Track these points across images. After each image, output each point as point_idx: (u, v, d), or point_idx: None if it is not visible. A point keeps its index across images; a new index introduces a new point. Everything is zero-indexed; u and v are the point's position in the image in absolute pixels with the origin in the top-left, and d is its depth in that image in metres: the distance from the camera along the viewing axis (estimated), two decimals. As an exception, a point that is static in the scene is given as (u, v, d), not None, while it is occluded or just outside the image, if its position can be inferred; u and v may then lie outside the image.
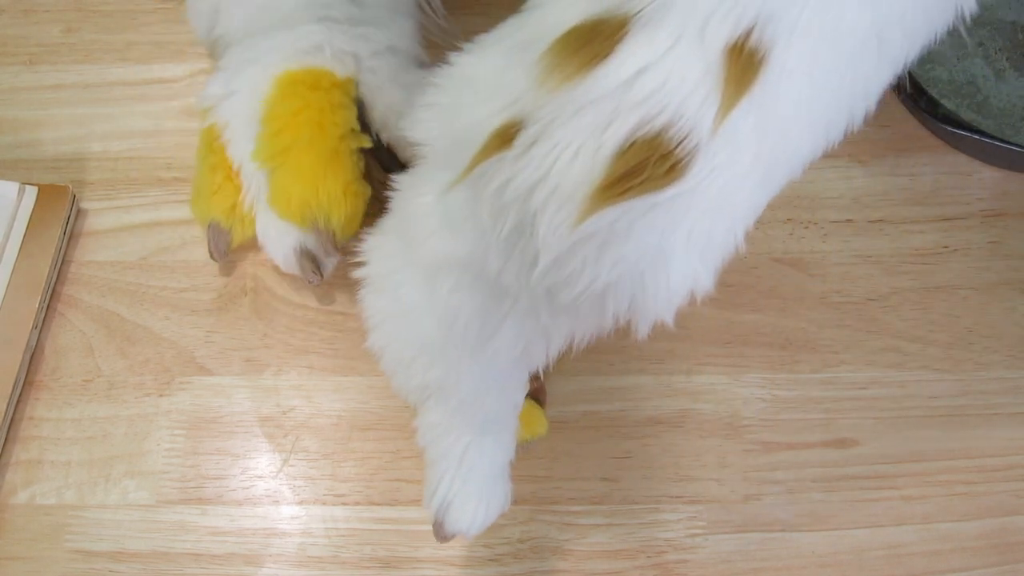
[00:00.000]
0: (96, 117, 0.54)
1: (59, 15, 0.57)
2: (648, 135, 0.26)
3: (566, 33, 0.27)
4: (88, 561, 0.44)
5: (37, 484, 0.45)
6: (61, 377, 0.47)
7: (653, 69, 0.26)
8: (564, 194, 0.27)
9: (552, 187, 0.27)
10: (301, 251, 0.45)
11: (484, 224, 0.29)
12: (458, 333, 0.34)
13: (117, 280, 0.50)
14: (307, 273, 0.46)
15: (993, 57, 0.53)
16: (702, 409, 0.46)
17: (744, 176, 0.27)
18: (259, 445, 0.46)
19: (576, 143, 0.27)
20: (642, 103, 0.26)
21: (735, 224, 0.29)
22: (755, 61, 0.26)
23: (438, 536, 0.39)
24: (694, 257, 0.28)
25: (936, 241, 0.50)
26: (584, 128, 0.26)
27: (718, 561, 0.43)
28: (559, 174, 0.27)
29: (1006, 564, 0.43)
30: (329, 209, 0.44)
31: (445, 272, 0.33)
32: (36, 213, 0.49)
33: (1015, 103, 0.52)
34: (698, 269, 0.28)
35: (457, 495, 0.38)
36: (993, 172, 0.52)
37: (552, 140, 0.27)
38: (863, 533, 0.44)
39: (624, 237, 0.27)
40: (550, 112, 0.27)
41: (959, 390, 0.47)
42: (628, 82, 0.26)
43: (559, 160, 0.27)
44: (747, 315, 0.48)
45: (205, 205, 0.47)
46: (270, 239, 0.46)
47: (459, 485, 0.38)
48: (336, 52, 0.45)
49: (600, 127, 0.26)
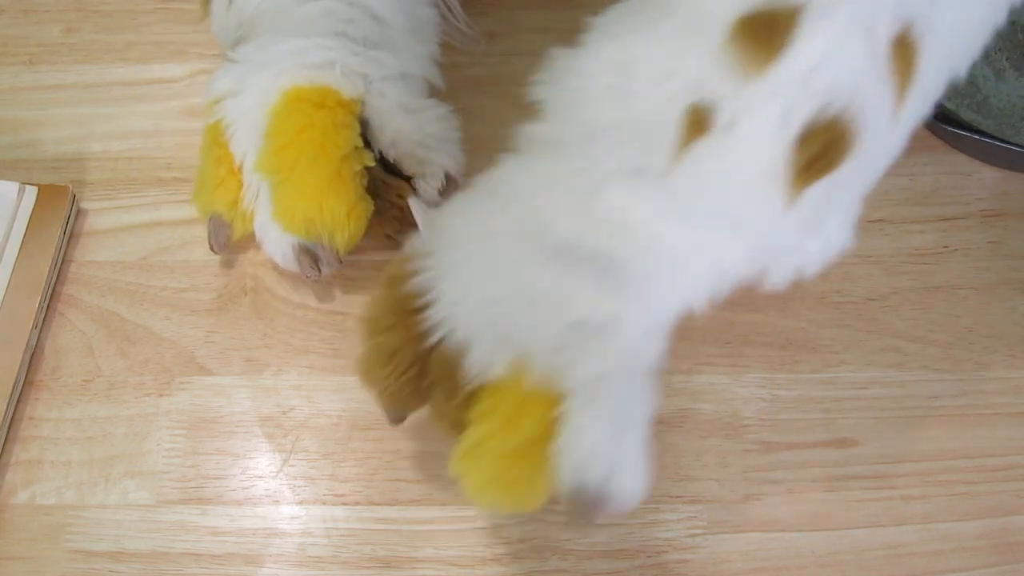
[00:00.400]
0: (96, 117, 0.54)
1: (59, 15, 0.57)
2: (826, 120, 0.29)
3: (743, 23, 0.29)
4: (88, 561, 0.44)
5: (37, 484, 0.45)
6: (61, 377, 0.47)
7: (829, 60, 0.29)
8: (765, 179, 0.30)
9: (752, 172, 0.30)
10: (300, 248, 0.45)
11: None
12: None
13: (117, 280, 0.50)
14: (305, 270, 0.46)
15: (993, 57, 0.53)
16: (702, 409, 0.46)
17: (884, 149, 0.32)
18: (259, 445, 0.46)
19: (766, 129, 0.30)
20: (821, 92, 0.29)
21: (864, 190, 0.33)
22: (913, 50, 0.29)
23: (591, 520, 0.34)
24: (843, 222, 0.33)
25: (936, 241, 0.50)
26: (773, 115, 0.29)
27: (718, 561, 0.43)
28: (757, 160, 0.30)
29: (1006, 564, 0.43)
30: (333, 229, 0.45)
31: None
32: (36, 213, 0.49)
33: (1015, 103, 0.52)
34: (844, 233, 0.33)
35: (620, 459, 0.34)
36: (993, 172, 0.52)
37: (745, 126, 0.30)
38: (863, 533, 0.44)
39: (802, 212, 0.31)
40: (743, 100, 0.29)
41: (959, 390, 0.47)
42: (808, 72, 0.29)
43: (753, 146, 0.30)
44: (747, 315, 0.48)
45: (208, 197, 0.47)
46: (269, 236, 0.46)
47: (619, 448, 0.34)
48: (347, 71, 0.45)
49: (786, 113, 0.29)
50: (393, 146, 0.47)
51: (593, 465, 0.33)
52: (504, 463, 0.35)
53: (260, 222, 0.46)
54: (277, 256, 0.46)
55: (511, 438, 0.34)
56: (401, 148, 0.47)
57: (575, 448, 0.33)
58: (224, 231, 0.47)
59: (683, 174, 0.31)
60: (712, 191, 0.31)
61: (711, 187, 0.31)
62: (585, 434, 0.33)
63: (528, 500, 0.35)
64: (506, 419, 0.34)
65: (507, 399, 0.34)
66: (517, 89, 0.54)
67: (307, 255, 0.45)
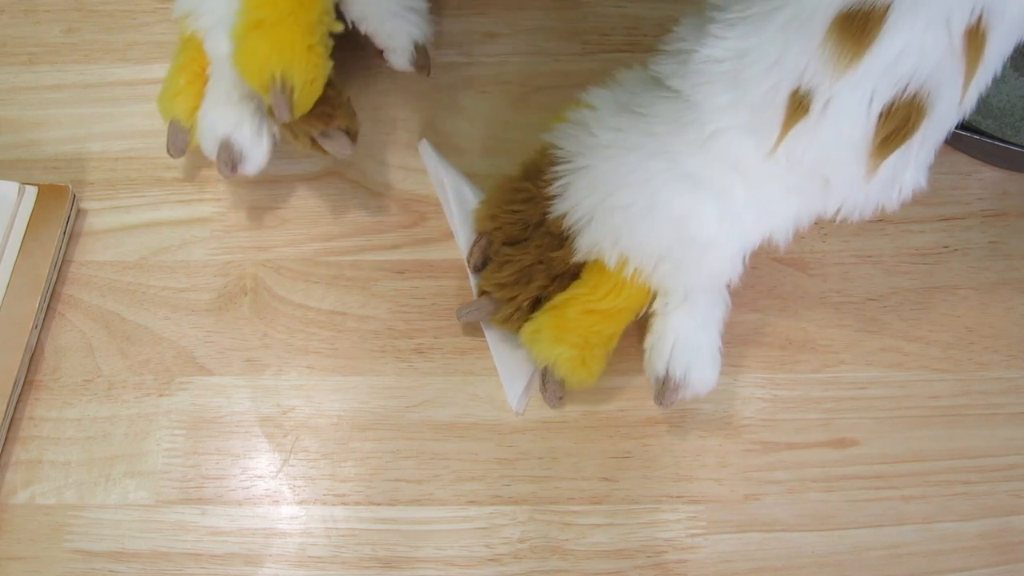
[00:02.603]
0: (96, 117, 0.54)
1: (59, 15, 0.57)
2: (907, 99, 0.35)
3: (840, 19, 0.34)
4: (88, 561, 0.44)
5: (37, 484, 0.45)
6: (61, 377, 0.47)
7: (911, 49, 0.34)
8: (852, 151, 0.37)
9: (842, 148, 0.37)
10: (225, 142, 0.47)
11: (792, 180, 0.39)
12: None
13: (117, 280, 0.50)
14: (222, 166, 0.47)
15: (993, 57, 0.53)
16: (702, 409, 0.46)
17: (952, 118, 0.38)
18: (259, 445, 0.46)
19: (856, 110, 0.36)
20: (903, 76, 0.35)
21: (936, 147, 0.39)
22: (983, 38, 0.35)
23: (671, 400, 0.44)
24: (919, 169, 0.39)
25: (936, 241, 0.50)
26: (862, 97, 0.35)
27: (718, 561, 0.43)
28: (846, 137, 0.37)
29: (1006, 564, 0.43)
30: (292, 63, 0.44)
31: None
32: (36, 213, 0.49)
33: (1015, 103, 0.52)
34: (918, 177, 0.40)
35: (697, 354, 0.43)
36: (993, 172, 0.52)
37: (838, 108, 0.36)
38: (863, 533, 0.44)
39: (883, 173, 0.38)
40: (839, 85, 0.35)
41: (959, 390, 0.47)
42: (894, 60, 0.34)
43: (843, 125, 0.36)
44: (747, 315, 0.48)
45: (168, 104, 0.49)
46: (204, 124, 0.47)
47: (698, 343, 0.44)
48: None
49: (871, 95, 0.35)
50: (364, 19, 0.49)
51: (678, 355, 0.43)
52: (581, 320, 0.43)
53: (202, 110, 0.48)
54: (203, 144, 0.48)
55: (595, 302, 0.44)
56: (372, 22, 0.49)
57: (666, 339, 0.43)
58: (182, 137, 0.49)
59: (787, 143, 0.37)
60: (808, 159, 0.38)
61: (808, 156, 0.38)
62: (675, 329, 0.43)
63: (587, 366, 0.44)
64: (599, 289, 0.44)
65: (606, 278, 0.44)
66: (517, 89, 0.55)
67: (228, 151, 0.47)
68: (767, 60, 0.36)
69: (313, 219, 0.51)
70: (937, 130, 0.38)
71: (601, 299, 0.44)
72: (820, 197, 0.40)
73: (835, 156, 0.38)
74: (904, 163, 0.39)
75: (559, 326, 0.44)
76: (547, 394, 0.45)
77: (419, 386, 0.47)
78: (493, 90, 0.54)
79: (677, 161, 0.41)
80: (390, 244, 0.50)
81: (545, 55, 0.55)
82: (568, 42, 0.56)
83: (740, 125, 0.39)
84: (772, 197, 0.41)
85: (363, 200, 0.52)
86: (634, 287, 0.44)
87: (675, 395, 0.43)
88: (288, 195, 0.52)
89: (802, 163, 0.38)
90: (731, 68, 0.38)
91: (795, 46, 0.35)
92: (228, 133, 0.47)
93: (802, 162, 0.38)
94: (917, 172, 0.40)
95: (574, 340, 0.44)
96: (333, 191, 0.52)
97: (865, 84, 0.35)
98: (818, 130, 0.37)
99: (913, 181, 0.40)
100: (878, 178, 0.38)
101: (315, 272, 0.50)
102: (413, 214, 0.51)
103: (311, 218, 0.51)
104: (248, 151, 0.47)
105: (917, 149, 0.38)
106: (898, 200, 0.40)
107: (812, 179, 0.39)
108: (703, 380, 0.44)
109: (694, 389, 0.44)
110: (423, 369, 0.47)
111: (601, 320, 0.44)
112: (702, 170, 0.40)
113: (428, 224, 0.51)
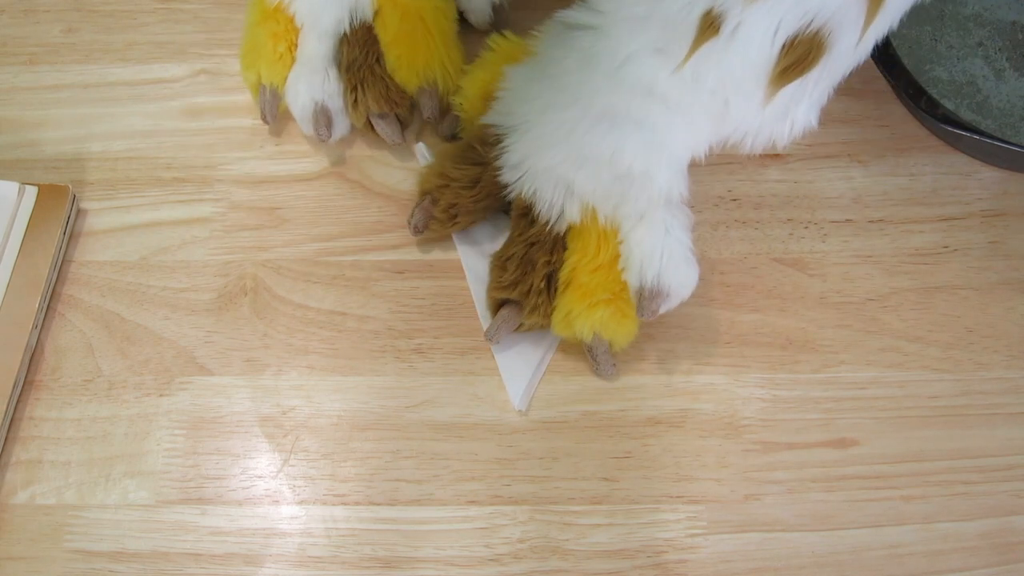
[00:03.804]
0: (96, 117, 0.54)
1: (59, 15, 0.57)
2: (809, 34, 0.38)
3: None
4: (88, 561, 0.44)
5: (37, 484, 0.45)
6: (61, 377, 0.47)
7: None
8: (753, 76, 0.40)
9: (745, 72, 0.40)
10: (319, 108, 0.50)
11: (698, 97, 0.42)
12: None
13: (117, 280, 0.50)
14: (319, 129, 0.50)
15: (993, 57, 0.53)
16: (702, 409, 0.46)
17: (849, 59, 0.41)
18: (259, 445, 0.46)
19: (762, 37, 0.38)
20: (808, 10, 0.37)
21: (835, 82, 0.43)
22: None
23: (652, 310, 0.44)
24: (811, 108, 0.43)
25: (936, 241, 0.50)
26: (769, 25, 0.38)
27: (718, 561, 0.43)
28: (750, 62, 0.39)
29: (1006, 564, 0.43)
30: (446, 79, 0.51)
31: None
32: (36, 213, 0.49)
33: (1015, 103, 0.52)
34: (810, 115, 0.43)
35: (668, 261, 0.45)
36: (993, 172, 0.52)
37: (746, 33, 0.38)
38: (863, 533, 0.44)
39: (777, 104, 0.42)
40: (750, 11, 0.38)
41: (959, 390, 0.47)
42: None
43: (749, 50, 0.39)
44: (747, 315, 0.48)
45: (266, 69, 0.51)
46: (295, 92, 0.51)
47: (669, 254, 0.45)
48: None
49: (777, 25, 0.38)
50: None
51: (647, 265, 0.44)
52: (594, 279, 0.45)
53: (293, 77, 0.51)
54: (296, 112, 0.51)
55: (593, 259, 0.45)
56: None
57: (633, 257, 0.44)
58: (276, 102, 0.51)
59: (694, 61, 0.40)
60: (712, 79, 0.40)
61: (712, 76, 0.40)
62: (639, 243, 0.44)
63: (627, 315, 0.45)
64: (589, 247, 0.45)
65: (588, 234, 0.45)
66: (517, 89, 0.55)
67: (324, 116, 0.50)
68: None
69: (313, 219, 0.51)
70: (833, 70, 0.41)
71: (596, 254, 0.45)
72: (724, 121, 0.43)
73: (737, 79, 0.40)
74: (799, 98, 0.42)
75: (580, 296, 0.45)
76: (601, 367, 0.46)
77: (419, 386, 0.47)
78: (493, 90, 0.54)
79: (592, 103, 0.43)
80: (390, 244, 0.50)
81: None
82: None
83: (650, 45, 0.40)
84: (689, 117, 0.43)
85: (363, 200, 0.52)
86: (613, 231, 0.45)
87: (655, 303, 0.44)
88: (288, 195, 0.52)
89: (705, 83, 0.41)
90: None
91: None
92: (322, 99, 0.50)
93: (706, 82, 0.41)
94: (809, 110, 0.43)
95: (602, 296, 0.45)
96: (333, 191, 0.52)
97: (774, 13, 0.38)
98: (726, 52, 0.39)
99: (805, 119, 0.43)
100: (773, 107, 0.41)
101: (315, 272, 0.50)
102: (413, 214, 0.51)
103: (311, 218, 0.51)
104: (336, 117, 0.51)
105: (812, 86, 0.41)
106: (789, 136, 0.43)
107: (714, 100, 0.42)
108: (681, 281, 0.44)
109: (674, 292, 0.44)
110: (423, 369, 0.47)
111: (610, 271, 0.45)
112: (617, 105, 0.43)
113: (428, 224, 0.51)
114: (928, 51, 0.53)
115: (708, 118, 0.43)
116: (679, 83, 0.41)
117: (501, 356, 0.47)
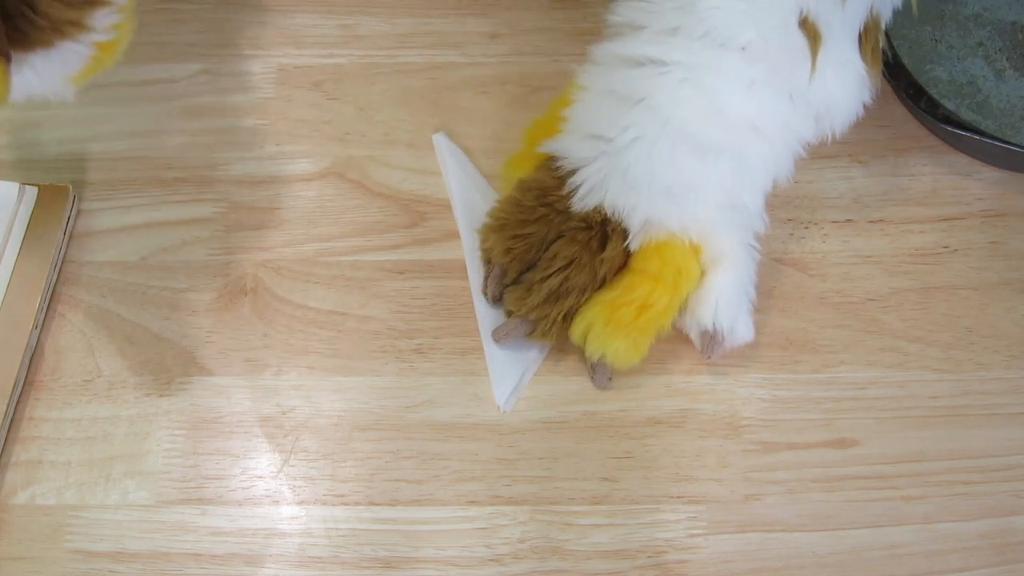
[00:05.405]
0: (96, 117, 0.54)
1: (59, 15, 0.57)
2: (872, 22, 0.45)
3: None
4: (88, 561, 0.44)
5: (37, 484, 0.45)
6: (61, 377, 0.47)
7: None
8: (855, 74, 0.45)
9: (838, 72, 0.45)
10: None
11: None
12: None
13: (117, 280, 0.50)
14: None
15: (993, 57, 0.53)
16: (702, 409, 0.46)
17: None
18: (259, 445, 0.46)
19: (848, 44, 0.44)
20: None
21: None
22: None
23: (719, 353, 0.46)
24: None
25: (936, 241, 0.50)
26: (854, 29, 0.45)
27: (718, 561, 0.43)
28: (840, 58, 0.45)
29: (1006, 564, 0.43)
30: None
31: None
32: (36, 213, 0.49)
33: (1015, 103, 0.52)
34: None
35: (742, 311, 0.46)
36: (993, 172, 0.52)
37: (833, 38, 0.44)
38: (863, 533, 0.44)
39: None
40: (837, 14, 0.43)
41: (959, 390, 0.47)
42: None
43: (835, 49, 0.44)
44: (747, 315, 0.48)
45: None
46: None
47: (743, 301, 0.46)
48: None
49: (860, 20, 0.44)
50: None
51: (723, 308, 0.45)
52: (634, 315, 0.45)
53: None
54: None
55: (640, 299, 0.45)
56: None
57: (710, 294, 0.45)
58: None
59: (813, 85, 0.44)
60: (813, 89, 0.45)
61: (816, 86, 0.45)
62: (719, 284, 0.45)
63: (639, 350, 0.45)
64: (642, 290, 0.45)
65: (672, 257, 0.45)
66: (517, 89, 0.55)
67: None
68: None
69: (313, 219, 0.51)
70: None
71: (648, 295, 0.45)
72: (812, 127, 0.46)
73: (831, 82, 0.45)
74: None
75: (612, 320, 0.45)
76: (596, 378, 0.46)
77: (419, 386, 0.47)
78: (493, 90, 0.54)
79: (696, 135, 0.44)
80: (390, 244, 0.50)
81: (545, 55, 0.55)
82: (568, 42, 0.56)
83: (747, 77, 0.43)
84: (778, 149, 0.46)
85: (363, 200, 0.52)
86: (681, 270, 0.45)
87: (722, 348, 0.45)
88: (288, 195, 0.52)
89: (812, 107, 0.45)
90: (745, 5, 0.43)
91: None
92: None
93: (808, 93, 0.44)
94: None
95: (628, 332, 0.45)
96: (333, 191, 0.52)
97: (857, 16, 0.44)
98: (825, 59, 0.43)
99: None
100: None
101: (315, 272, 0.50)
102: (413, 214, 0.51)
103: (311, 218, 0.51)
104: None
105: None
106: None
107: (808, 111, 0.45)
108: (745, 332, 0.46)
109: (736, 341, 0.46)
110: (423, 369, 0.47)
111: (657, 315, 0.45)
112: (720, 137, 0.44)
113: (428, 224, 0.51)
114: (928, 51, 0.53)
115: (800, 133, 0.46)
116: (792, 109, 0.45)
117: (491, 357, 0.47)
